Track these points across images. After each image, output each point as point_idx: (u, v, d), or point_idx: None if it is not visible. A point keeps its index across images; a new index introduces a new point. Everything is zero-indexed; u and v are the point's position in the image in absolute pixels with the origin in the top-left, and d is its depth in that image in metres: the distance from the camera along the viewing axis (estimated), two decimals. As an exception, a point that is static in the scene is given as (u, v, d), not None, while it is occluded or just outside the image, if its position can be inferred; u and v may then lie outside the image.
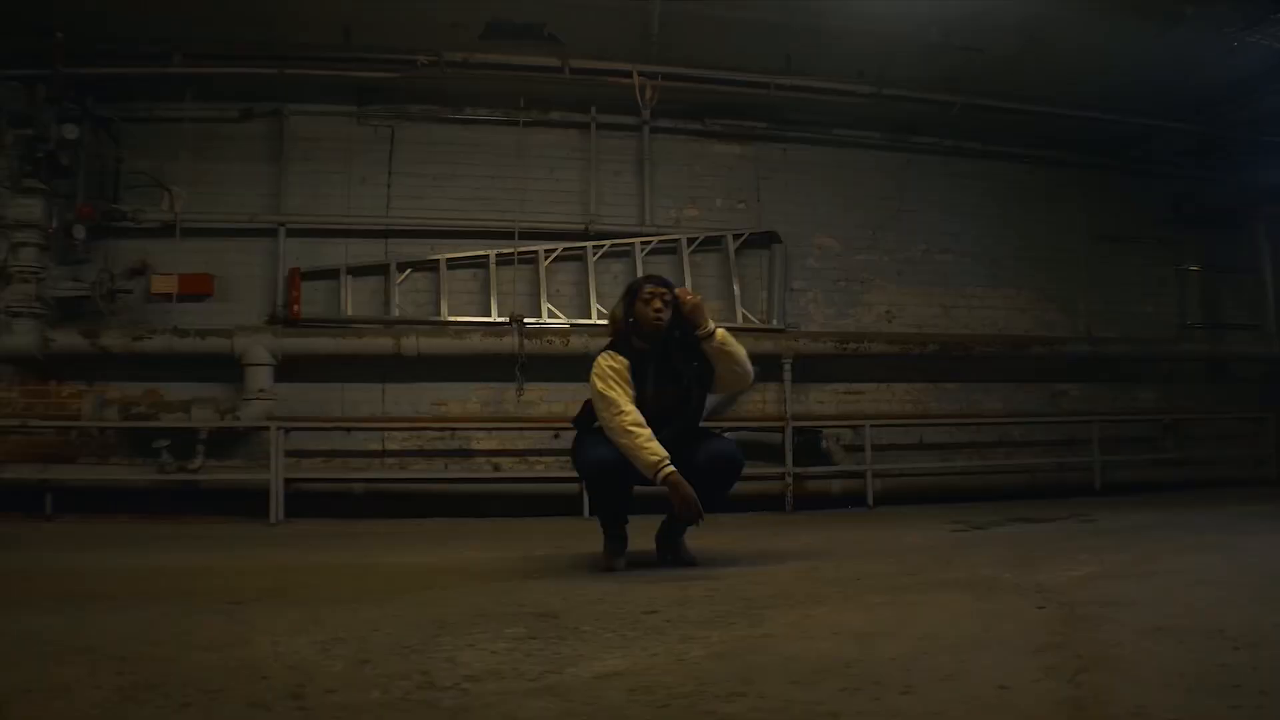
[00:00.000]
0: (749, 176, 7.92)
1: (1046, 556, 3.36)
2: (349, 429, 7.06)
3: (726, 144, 7.93)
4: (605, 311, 7.35)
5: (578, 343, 7.09)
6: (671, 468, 3.27)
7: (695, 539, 4.79)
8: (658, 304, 3.49)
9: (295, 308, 7.09)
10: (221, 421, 6.65)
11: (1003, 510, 6.19)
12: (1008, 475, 7.64)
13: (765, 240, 7.72)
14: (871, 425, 7.37)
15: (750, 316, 7.49)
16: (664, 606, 2.40)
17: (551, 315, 7.32)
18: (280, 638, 2.02)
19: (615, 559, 3.54)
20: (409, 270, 7.39)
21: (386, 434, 7.24)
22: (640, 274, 7.44)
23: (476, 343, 7.06)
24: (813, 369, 7.72)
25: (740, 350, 3.64)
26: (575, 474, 6.50)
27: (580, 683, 1.63)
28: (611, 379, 3.42)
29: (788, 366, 7.41)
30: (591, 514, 6.54)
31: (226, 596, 2.73)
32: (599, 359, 3.49)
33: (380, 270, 7.32)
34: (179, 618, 2.35)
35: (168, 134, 7.15)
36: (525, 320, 7.20)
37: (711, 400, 3.93)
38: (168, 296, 6.98)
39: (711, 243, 7.66)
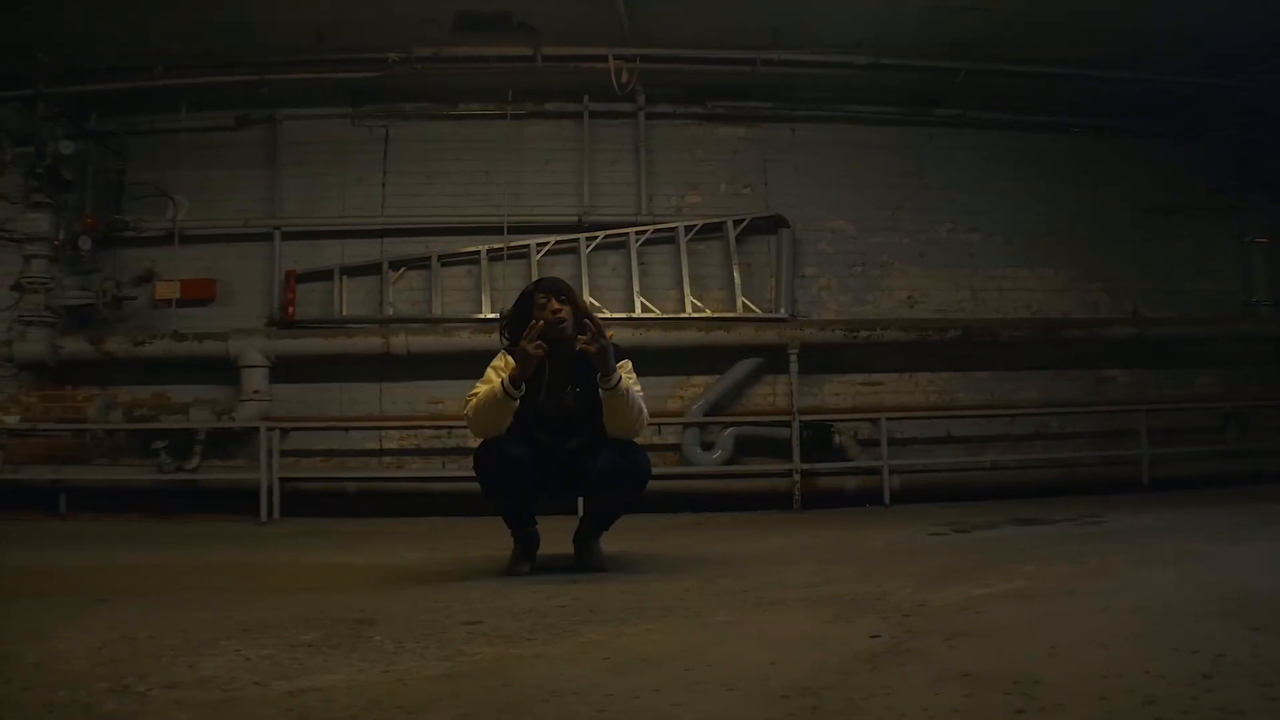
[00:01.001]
0: (755, 159, 8.05)
1: (982, 568, 3.26)
2: (344, 428, 7.56)
3: (730, 126, 8.09)
4: (598, 305, 7.64)
5: (569, 337, 7.34)
6: (500, 379, 3.35)
7: (646, 539, 5.03)
8: (554, 305, 3.45)
9: (290, 309, 7.64)
10: (218, 423, 7.19)
11: (1018, 509, 6.10)
12: (1043, 470, 7.47)
13: (772, 225, 7.81)
14: (888, 418, 7.35)
15: (751, 305, 7.61)
16: (491, 616, 2.47)
17: (544, 310, 7.58)
18: (69, 633, 2.26)
19: (518, 563, 3.60)
20: (403, 269, 7.85)
21: (384, 433, 7.68)
22: (635, 265, 7.72)
23: (465, 340, 7.42)
24: (828, 360, 7.79)
25: (629, 409, 3.42)
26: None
27: (267, 696, 1.70)
28: (486, 374, 3.49)
29: (794, 357, 7.49)
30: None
31: (96, 592, 3.06)
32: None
33: (375, 270, 7.78)
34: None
35: (168, 145, 7.87)
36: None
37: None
38: (171, 302, 7.62)
39: (714, 230, 7.82)
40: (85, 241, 7.38)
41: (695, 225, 7.74)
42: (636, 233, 7.73)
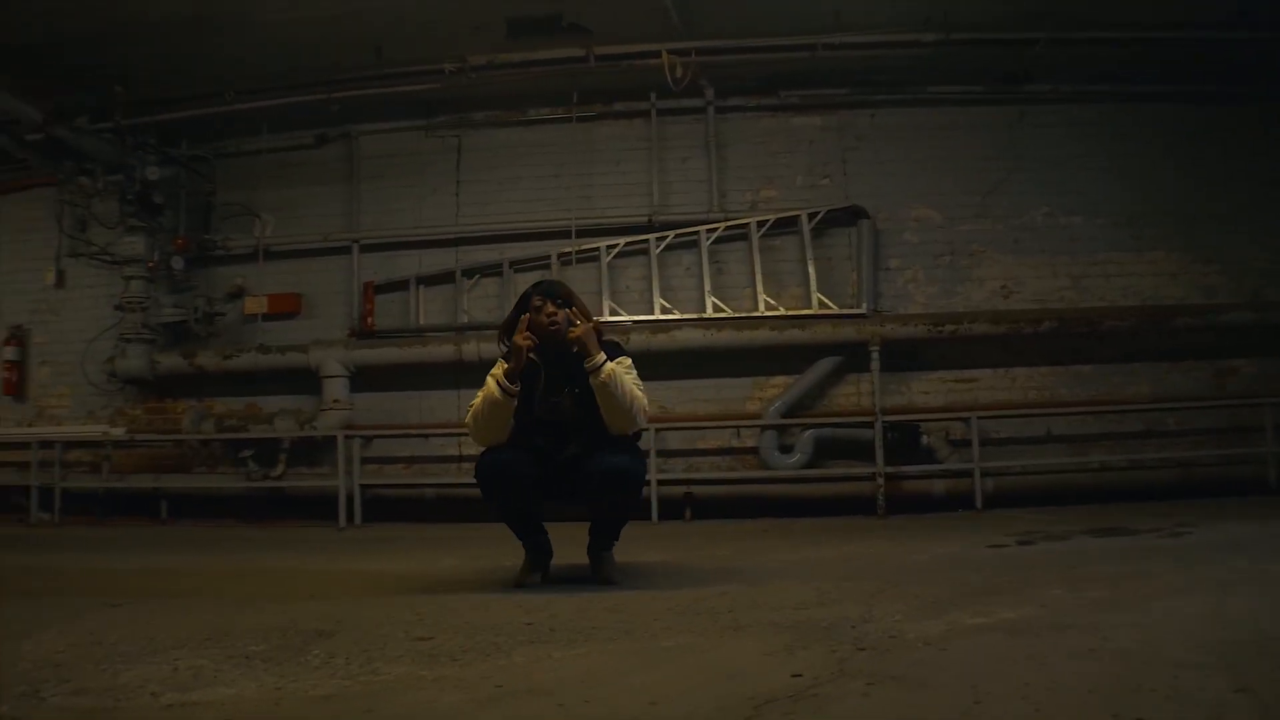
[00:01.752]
0: (833, 149, 8.06)
1: (1002, 590, 3.13)
2: (420, 435, 7.98)
3: (806, 116, 8.13)
4: (668, 306, 7.81)
5: (638, 340, 7.56)
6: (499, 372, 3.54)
7: (694, 547, 5.15)
8: (550, 308, 3.59)
9: (369, 319, 8.14)
10: (300, 431, 7.73)
11: (1112, 516, 5.93)
12: (1155, 471, 7.17)
13: (852, 217, 7.79)
14: (979, 417, 7.22)
15: (827, 301, 7.61)
16: (447, 633, 2.64)
17: (613, 313, 7.81)
18: (49, 636, 2.61)
19: (527, 574, 3.75)
20: (477, 276, 8.22)
21: (462, 439, 8.03)
22: (706, 264, 7.83)
23: (536, 345, 7.68)
24: (915, 356, 7.71)
25: (622, 392, 3.52)
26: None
27: (148, 709, 1.88)
28: (486, 381, 3.63)
29: (874, 354, 7.45)
30: (663, 517, 7.08)
31: (124, 595, 3.46)
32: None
33: (449, 278, 8.18)
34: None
35: (253, 166, 8.60)
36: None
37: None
38: (258, 316, 8.23)
39: (790, 224, 7.87)
40: (178, 261, 8.09)
41: (768, 220, 7.81)
42: (707, 230, 7.85)
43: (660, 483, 7.32)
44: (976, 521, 6.36)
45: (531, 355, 3.54)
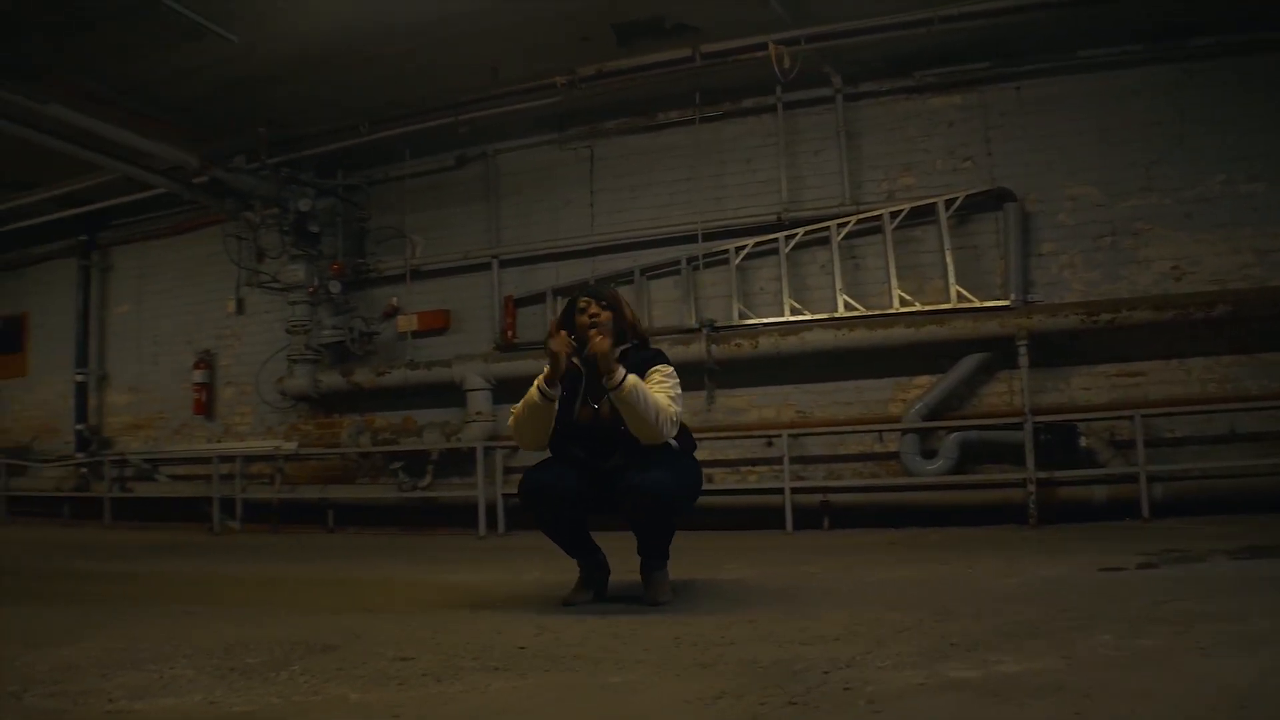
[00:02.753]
0: (975, 128, 7.89)
1: (1057, 630, 2.99)
2: (557, 447, 8.42)
3: (944, 96, 8.01)
4: (797, 307, 7.89)
5: (767, 344, 7.72)
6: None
7: (786, 561, 5.27)
8: (594, 310, 3.81)
9: (509, 333, 8.78)
10: (446, 443, 8.44)
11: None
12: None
13: (997, 200, 7.58)
14: (1145, 415, 6.83)
15: (967, 294, 7.46)
16: (432, 653, 2.91)
17: (743, 316, 7.99)
18: (86, 639, 3.19)
19: (578, 592, 3.91)
20: (612, 285, 8.59)
21: (601, 450, 8.47)
22: (837, 260, 7.84)
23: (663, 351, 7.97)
24: (1075, 349, 7.38)
25: (645, 406, 3.59)
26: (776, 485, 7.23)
27: (91, 713, 2.22)
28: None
29: (1022, 349, 7.21)
30: (802, 526, 7.21)
31: (194, 602, 4.10)
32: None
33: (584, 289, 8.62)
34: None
35: (402, 191, 9.55)
36: (717, 324, 7.95)
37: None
38: (411, 333, 9.05)
39: (927, 213, 7.72)
40: (335, 285, 9.07)
41: (901, 211, 7.73)
42: (838, 225, 7.87)
43: (794, 490, 7.46)
44: (1134, 533, 6.04)
45: (575, 360, 3.76)
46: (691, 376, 8.30)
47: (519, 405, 3.80)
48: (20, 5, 6.21)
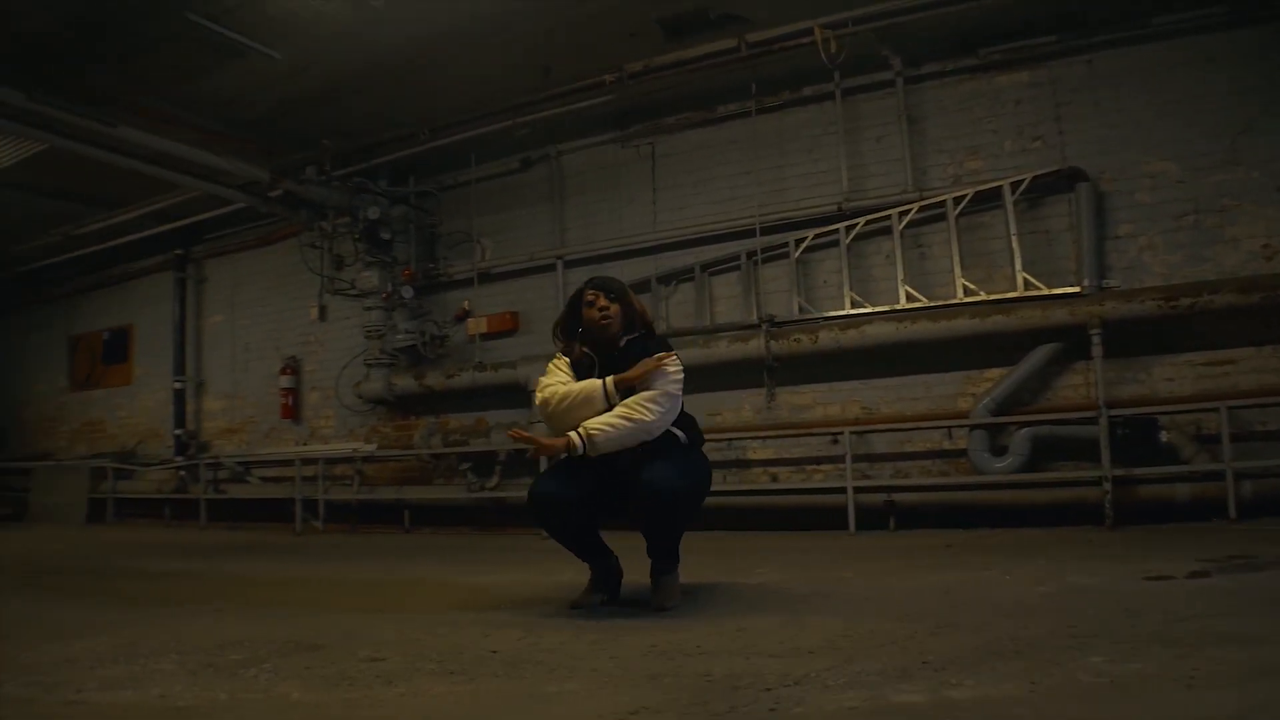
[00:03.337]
0: (1044, 106, 7.56)
1: (1044, 650, 2.78)
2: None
3: (1010, 73, 7.70)
4: (858, 300, 7.72)
5: (826, 338, 7.59)
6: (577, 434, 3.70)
7: (828, 565, 5.21)
8: (602, 302, 3.85)
9: (574, 333, 8.83)
10: (512, 444, 8.60)
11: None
12: None
13: (1068, 181, 7.25)
14: (1231, 407, 6.41)
15: (1034, 281, 7.13)
16: (400, 655, 3.05)
17: (803, 311, 7.87)
18: (96, 635, 3.44)
19: (587, 595, 3.95)
20: (674, 282, 8.65)
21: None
22: (899, 249, 7.65)
23: (723, 349, 8.01)
24: (1155, 338, 7.00)
25: (624, 437, 3.66)
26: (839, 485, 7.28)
27: (51, 704, 2.46)
28: (549, 371, 3.97)
29: (1096, 338, 6.85)
30: (867, 527, 7.08)
31: (219, 600, 4.33)
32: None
33: (646, 287, 8.69)
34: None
35: (471, 195, 9.75)
36: (777, 319, 7.86)
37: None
38: (480, 336, 9.27)
39: (994, 197, 7.46)
40: (407, 291, 9.37)
41: (965, 196, 7.47)
42: (900, 213, 7.67)
43: (857, 490, 7.32)
44: (1213, 536, 5.65)
45: (585, 350, 3.87)
46: (752, 374, 8.36)
47: (572, 395, 3.75)
48: (83, 34, 6.66)
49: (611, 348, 3.83)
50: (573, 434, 3.65)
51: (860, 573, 4.96)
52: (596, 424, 3.64)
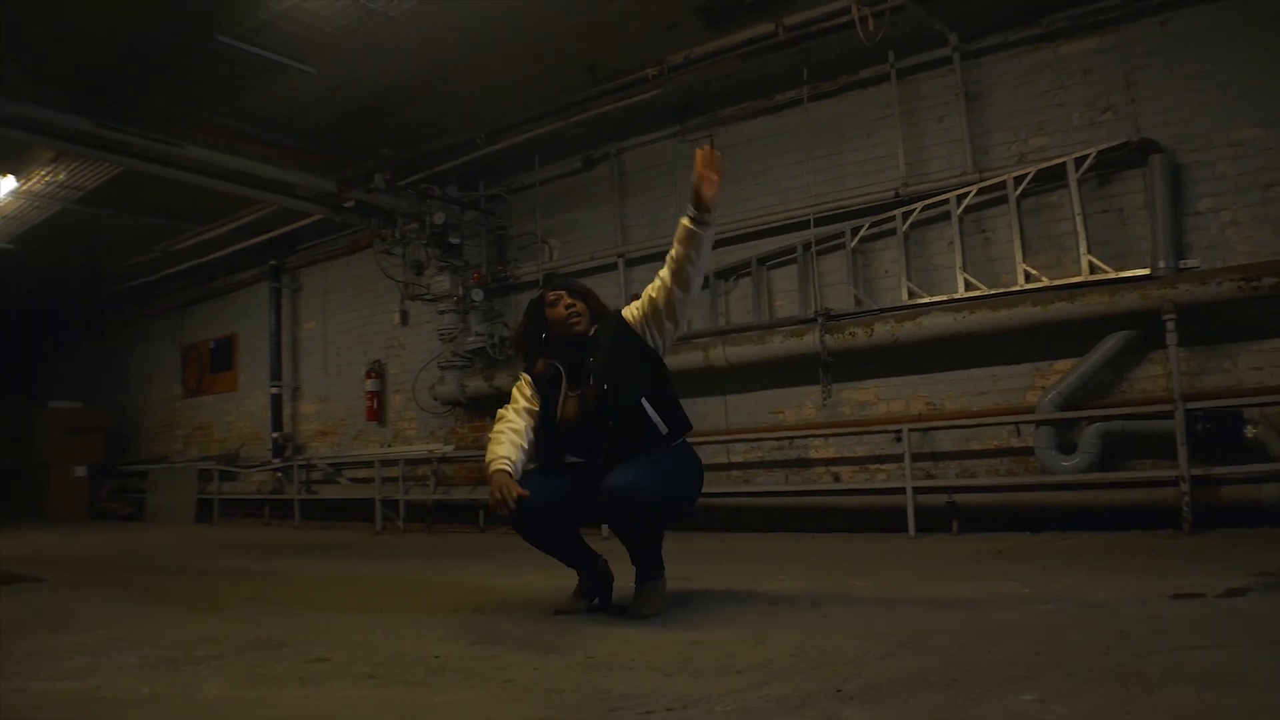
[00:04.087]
0: (1115, 74, 7.03)
1: (984, 681, 2.75)
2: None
3: (1077, 41, 7.20)
4: (915, 290, 7.41)
5: (882, 331, 7.32)
6: (498, 466, 3.64)
7: (859, 570, 5.04)
8: (567, 300, 3.81)
9: (635, 332, 8.81)
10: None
11: None
12: None
13: (1140, 155, 6.72)
14: (1321, 396, 5.83)
15: (1100, 264, 6.65)
16: (346, 656, 3.11)
17: (859, 304, 7.61)
18: (101, 628, 3.65)
19: (573, 601, 3.90)
20: (733, 277, 8.50)
21: (731, 446, 8.39)
22: (958, 235, 7.29)
23: (778, 345, 7.83)
24: (1241, 323, 6.40)
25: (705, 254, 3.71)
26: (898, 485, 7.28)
27: (6, 690, 2.66)
28: (513, 398, 3.95)
29: (1170, 324, 6.32)
30: (920, 531, 6.81)
31: (232, 600, 4.53)
32: None
33: (705, 282, 8.55)
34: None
35: (537, 197, 9.86)
36: (833, 312, 7.64)
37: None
38: (544, 337, 9.39)
39: (1060, 175, 6.99)
40: (477, 294, 9.57)
41: (1026, 175, 7.03)
42: (958, 197, 7.30)
43: (917, 490, 7.03)
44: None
45: (550, 362, 3.82)
46: (813, 370, 8.10)
47: (494, 436, 3.78)
48: (134, 60, 7.09)
49: (581, 342, 3.77)
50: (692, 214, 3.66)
51: (879, 581, 4.72)
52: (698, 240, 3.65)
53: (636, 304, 3.77)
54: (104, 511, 13.94)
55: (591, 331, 3.78)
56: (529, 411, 3.84)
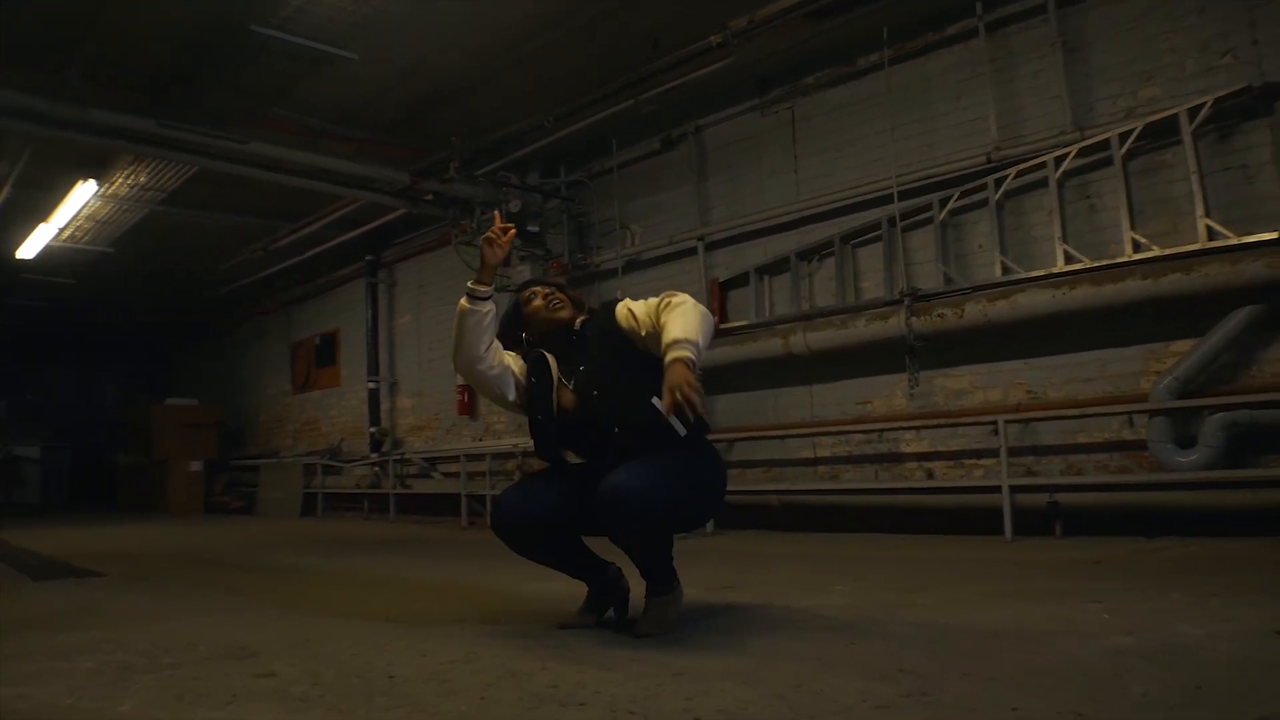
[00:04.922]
0: (1233, 12, 6.17)
1: None
2: (757, 437, 8.06)
3: (1191, -24, 6.33)
4: (1009, 265, 6.77)
5: (973, 311, 6.73)
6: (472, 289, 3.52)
7: (922, 587, 4.55)
8: (544, 291, 3.65)
9: (716, 318, 8.42)
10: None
11: None
12: None
13: (1267, 102, 5.88)
14: None
15: (1220, 229, 5.85)
16: (297, 672, 2.94)
17: (948, 281, 7.03)
18: (86, 628, 3.63)
19: (581, 614, 3.67)
20: (815, 258, 8.02)
21: (817, 440, 7.94)
22: (1057, 202, 6.63)
23: (861, 329, 7.33)
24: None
25: (702, 325, 3.24)
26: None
27: None
28: None
29: (1298, 297, 5.51)
30: (1018, 534, 6.24)
31: (239, 598, 4.44)
32: None
33: (785, 265, 8.13)
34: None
35: (618, 181, 9.56)
36: (920, 292, 7.08)
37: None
38: (625, 326, 9.14)
39: (1172, 131, 6.20)
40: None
41: (1132, 130, 6.27)
42: (1055, 160, 6.60)
43: (1015, 489, 6.41)
44: None
45: (532, 341, 3.63)
46: (894, 356, 7.54)
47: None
48: (192, 59, 7.15)
49: (567, 335, 3.52)
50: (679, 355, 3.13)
51: (941, 598, 4.16)
52: (683, 328, 3.17)
53: (638, 309, 3.39)
54: (217, 505, 14.53)
55: (578, 323, 3.52)
56: (517, 368, 3.58)
